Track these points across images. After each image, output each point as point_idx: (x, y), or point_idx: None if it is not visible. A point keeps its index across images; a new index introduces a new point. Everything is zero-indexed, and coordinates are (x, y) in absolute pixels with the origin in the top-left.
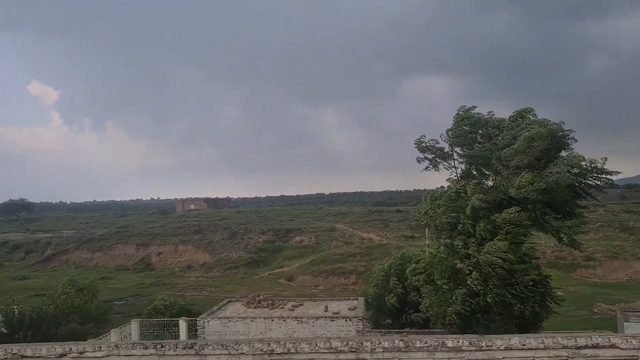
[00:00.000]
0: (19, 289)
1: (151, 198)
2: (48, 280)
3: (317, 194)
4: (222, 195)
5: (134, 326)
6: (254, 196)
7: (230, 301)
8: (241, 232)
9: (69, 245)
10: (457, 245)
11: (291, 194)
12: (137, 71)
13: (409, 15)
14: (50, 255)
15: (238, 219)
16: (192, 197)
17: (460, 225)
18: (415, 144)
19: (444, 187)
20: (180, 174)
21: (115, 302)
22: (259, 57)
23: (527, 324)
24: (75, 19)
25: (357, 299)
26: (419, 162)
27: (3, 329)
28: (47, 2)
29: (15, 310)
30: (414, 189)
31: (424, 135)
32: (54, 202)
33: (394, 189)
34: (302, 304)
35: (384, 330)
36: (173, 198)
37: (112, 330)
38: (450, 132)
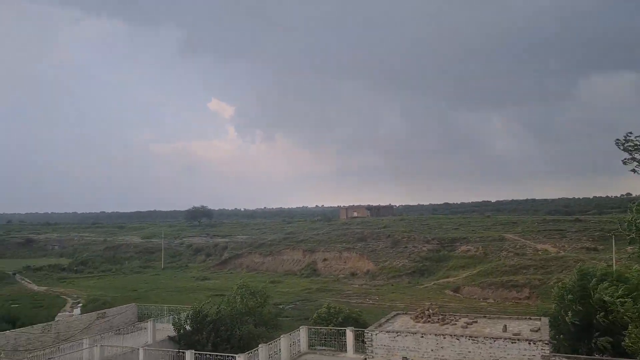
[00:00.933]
0: (200, 288)
1: (316, 205)
2: (225, 282)
3: (483, 201)
4: (384, 202)
5: (302, 333)
6: (416, 204)
7: (398, 314)
8: (404, 241)
9: (242, 250)
10: None
11: (455, 202)
12: (303, 84)
13: (580, 6)
14: (227, 258)
15: (401, 227)
16: (355, 204)
17: None
18: (617, 142)
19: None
20: (343, 182)
21: (283, 306)
22: (421, 63)
23: None
24: (248, 40)
25: (539, 319)
26: (625, 164)
27: (188, 327)
28: (225, 27)
29: (199, 310)
30: (594, 196)
31: (630, 133)
32: (229, 209)
33: (570, 197)
34: (476, 321)
35: (572, 355)
36: (336, 205)
37: (282, 336)
38: None
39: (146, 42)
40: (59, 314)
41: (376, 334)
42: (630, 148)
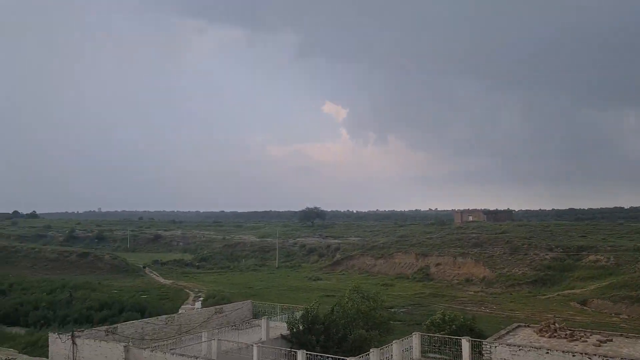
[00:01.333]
0: (313, 288)
1: (429, 209)
2: (337, 283)
3: (615, 207)
4: (501, 207)
5: (415, 339)
6: (537, 209)
7: (519, 326)
8: (524, 247)
9: (354, 252)
10: None
11: (581, 207)
12: (417, 85)
13: None
14: (339, 259)
15: (520, 233)
16: (470, 208)
17: None
18: None
19: None
20: (458, 185)
21: (396, 309)
22: (543, 59)
23: None
24: (361, 42)
25: None
26: None
27: (300, 326)
28: (339, 30)
29: (310, 310)
30: None
31: None
32: (342, 211)
33: None
34: (610, 339)
35: None
36: (450, 209)
37: (394, 341)
38: None
39: (264, 48)
40: (182, 306)
41: (495, 347)
42: None
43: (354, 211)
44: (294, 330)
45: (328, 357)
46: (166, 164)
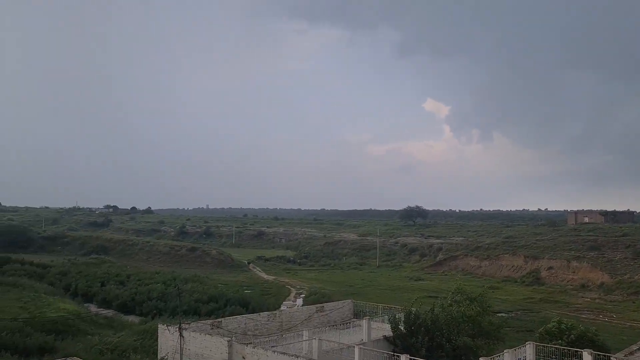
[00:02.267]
0: (414, 288)
1: (538, 209)
2: (439, 284)
3: None
4: (621, 207)
5: (528, 350)
6: None
7: None
8: None
9: (458, 252)
10: None
11: None
12: (524, 80)
13: None
14: (442, 259)
15: None
16: (585, 209)
17: None
18: None
19: None
20: (570, 184)
21: (506, 315)
22: None
23: None
24: (462, 38)
25: None
26: None
27: (402, 328)
28: (440, 26)
29: (412, 312)
30: None
31: None
32: (444, 210)
33: None
34: None
35: None
36: (562, 209)
37: (505, 351)
38: None
39: (364, 46)
40: (284, 302)
41: None
42: None
43: (457, 210)
44: (397, 332)
45: None
46: (269, 162)
